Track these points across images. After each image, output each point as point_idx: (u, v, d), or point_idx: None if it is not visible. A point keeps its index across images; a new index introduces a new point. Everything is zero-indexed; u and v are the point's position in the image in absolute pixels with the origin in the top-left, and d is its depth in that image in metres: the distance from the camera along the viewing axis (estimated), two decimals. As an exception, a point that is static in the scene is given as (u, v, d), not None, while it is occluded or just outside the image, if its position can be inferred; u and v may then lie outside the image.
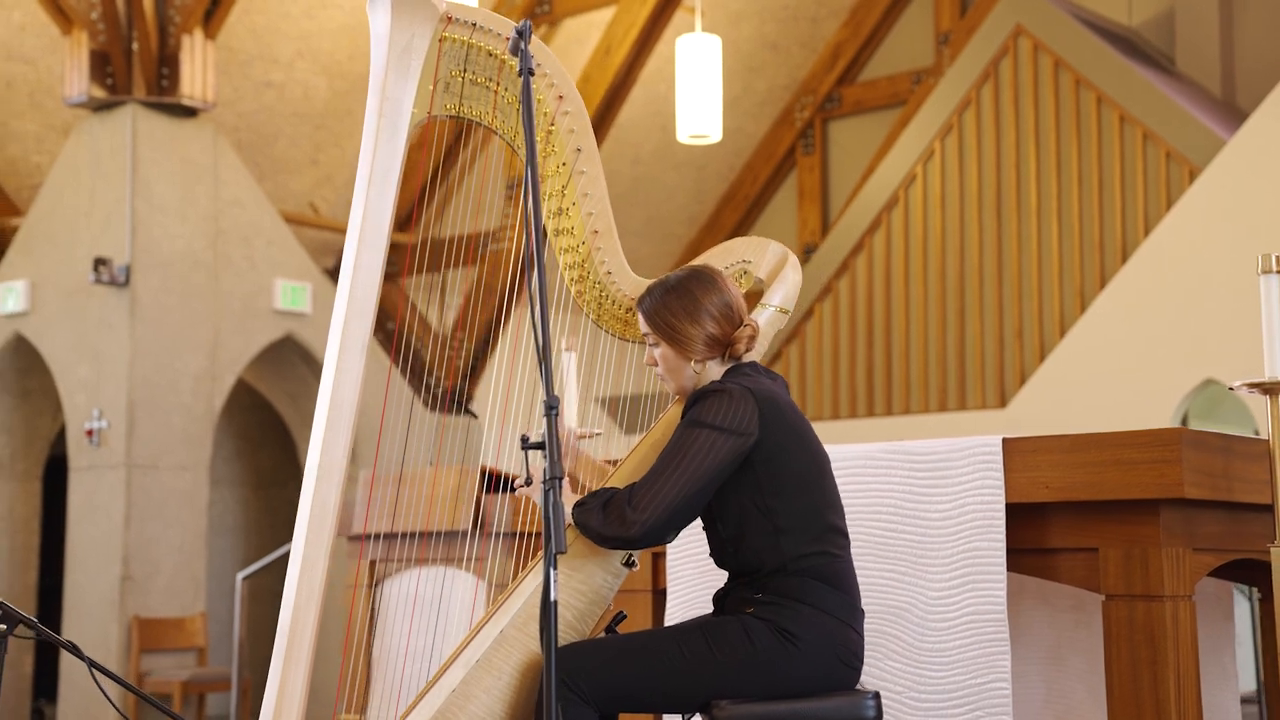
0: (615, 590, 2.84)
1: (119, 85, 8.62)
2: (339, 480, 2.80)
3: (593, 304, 2.98)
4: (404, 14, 2.85)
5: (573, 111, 2.92)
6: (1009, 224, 9.84)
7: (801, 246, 11.64)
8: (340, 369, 2.81)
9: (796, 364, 10.58)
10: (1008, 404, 9.55)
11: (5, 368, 9.15)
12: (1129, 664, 3.19)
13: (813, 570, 2.72)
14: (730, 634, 2.68)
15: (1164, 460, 3.10)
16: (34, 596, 9.50)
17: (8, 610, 3.08)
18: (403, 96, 2.86)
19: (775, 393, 2.80)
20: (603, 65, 9.28)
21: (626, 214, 11.80)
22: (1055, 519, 3.33)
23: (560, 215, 2.94)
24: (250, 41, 9.47)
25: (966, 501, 3.37)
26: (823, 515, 2.77)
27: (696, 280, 2.85)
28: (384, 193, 2.86)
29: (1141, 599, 3.18)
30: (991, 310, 9.83)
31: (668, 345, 2.84)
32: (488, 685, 2.72)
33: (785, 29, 11.33)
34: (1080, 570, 3.30)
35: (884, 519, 3.49)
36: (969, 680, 3.37)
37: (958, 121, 10.05)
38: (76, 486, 8.55)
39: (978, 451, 3.35)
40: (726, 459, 2.70)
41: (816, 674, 2.69)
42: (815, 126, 11.74)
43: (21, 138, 9.94)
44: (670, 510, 2.67)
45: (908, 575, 3.45)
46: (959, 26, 10.91)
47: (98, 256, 8.37)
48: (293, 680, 2.72)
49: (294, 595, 2.74)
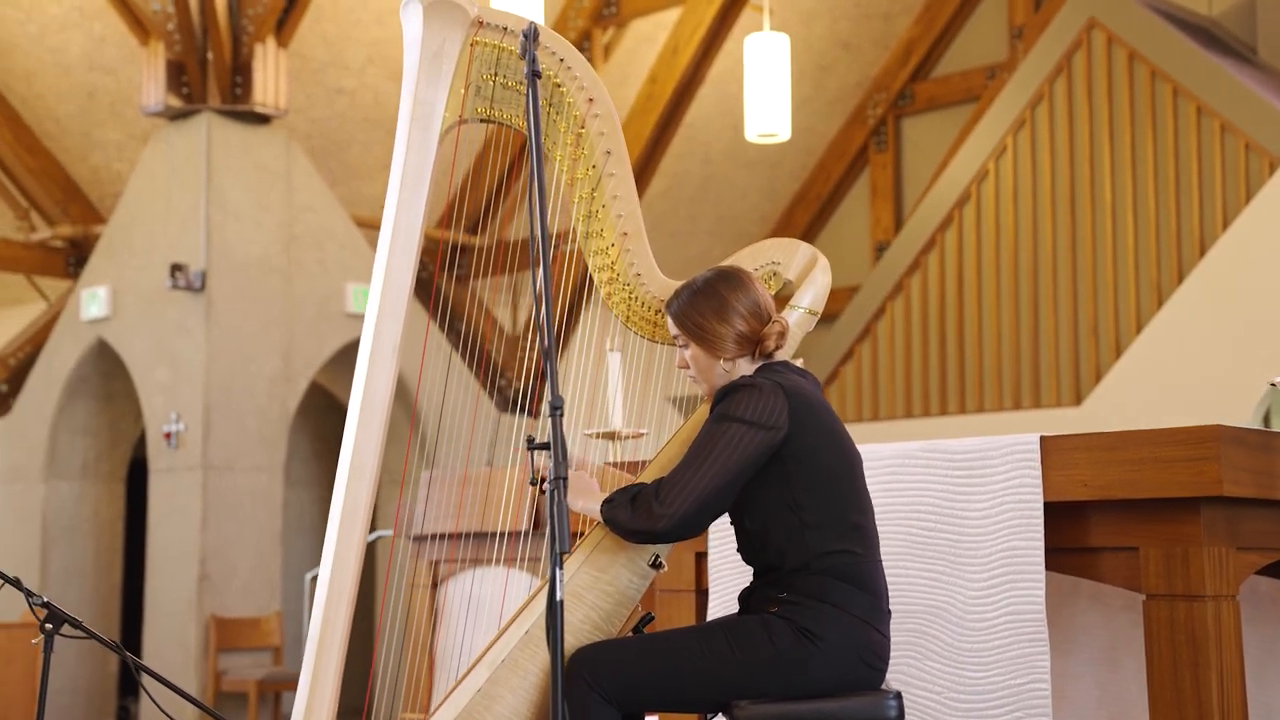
0: (642, 591, 2.85)
1: (194, 94, 8.78)
2: (370, 481, 2.84)
3: (622, 305, 2.99)
4: (435, 19, 2.89)
5: (602, 114, 2.94)
6: (1083, 219, 9.71)
7: (874, 244, 11.57)
8: (372, 372, 2.85)
9: (868, 362, 10.52)
10: (1083, 401, 9.42)
11: (89, 372, 9.36)
12: (1170, 665, 3.14)
13: (836, 569, 2.71)
14: (751, 633, 2.68)
15: (1202, 458, 3.05)
16: (119, 596, 9.70)
17: (54, 610, 3.16)
18: (434, 100, 2.90)
19: (806, 389, 2.80)
20: (670, 65, 9.29)
21: (698, 213, 11.80)
22: (1096, 518, 3.29)
23: (590, 218, 2.96)
24: (322, 49, 9.60)
25: (1005, 500, 3.34)
26: (849, 514, 2.76)
27: (723, 280, 2.85)
28: (416, 196, 2.89)
29: (1183, 599, 3.13)
30: (1066, 307, 9.70)
31: (697, 346, 2.85)
32: (514, 685, 2.74)
33: (857, 27, 11.27)
34: (1122, 570, 3.27)
35: (923, 518, 3.48)
36: (1008, 680, 3.34)
37: (1030, 116, 9.94)
38: (156, 488, 8.72)
39: (1015, 450, 3.33)
40: (755, 453, 2.70)
41: (838, 674, 2.68)
42: (888, 124, 11.66)
43: (104, 147, 10.17)
44: (698, 504, 2.68)
45: (946, 574, 3.43)
46: (1033, 20, 10.78)
47: (174, 262, 8.53)
48: (324, 679, 2.77)
49: (325, 595, 2.79)
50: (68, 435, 9.46)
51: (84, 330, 9.20)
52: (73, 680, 9.20)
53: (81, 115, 10.01)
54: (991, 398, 9.92)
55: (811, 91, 11.42)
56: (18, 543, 9.41)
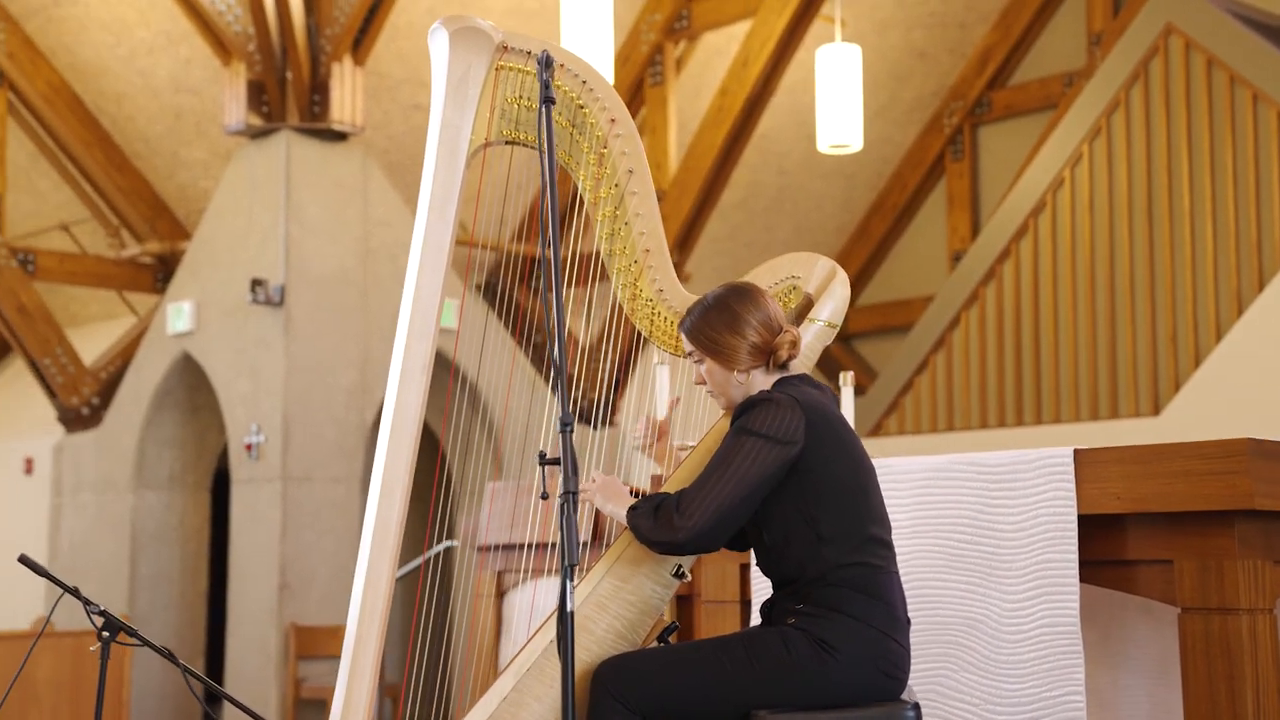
0: (666, 601, 2.90)
1: (274, 113, 8.98)
2: (402, 496, 2.91)
3: (645, 320, 3.05)
4: (461, 45, 2.97)
5: (625, 134, 3.00)
6: (1161, 227, 9.59)
7: (951, 254, 11.51)
8: (402, 391, 2.94)
9: (943, 373, 10.47)
10: (1161, 411, 9.30)
11: (175, 385, 9.59)
12: (1205, 679, 3.13)
13: (853, 581, 2.75)
14: (769, 644, 2.73)
15: (1232, 471, 3.04)
16: (205, 604, 9.93)
17: (110, 619, 3.28)
18: (461, 124, 2.98)
19: (822, 403, 2.84)
20: (740, 78, 9.33)
21: (774, 223, 11.82)
22: (1132, 531, 3.29)
23: (613, 236, 3.03)
24: (398, 66, 9.77)
25: (1039, 513, 3.35)
26: (865, 526, 2.80)
27: (734, 295, 2.91)
28: (443, 217, 2.97)
29: (1217, 612, 3.12)
30: (1144, 316, 9.59)
31: (712, 360, 2.90)
32: (540, 693, 2.80)
33: (932, 36, 11.23)
34: (1157, 583, 3.26)
35: (958, 530, 3.49)
36: (1043, 693, 3.35)
37: (1106, 124, 9.84)
38: (238, 499, 8.92)
39: (1049, 463, 3.33)
40: (772, 467, 2.75)
41: (856, 685, 2.72)
42: (965, 132, 11.60)
43: (190, 165, 10.43)
44: (717, 516, 2.73)
45: (981, 587, 3.44)
46: (1111, 26, 10.66)
47: (254, 277, 8.73)
48: (357, 690, 2.84)
49: (359, 608, 2.86)
50: (155, 447, 9.71)
51: (170, 344, 9.43)
52: (160, 686, 9.43)
53: (169, 135, 10.28)
54: (1068, 408, 9.82)
55: (887, 101, 11.40)
56: (108, 551, 9.67)
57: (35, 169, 10.84)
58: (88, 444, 9.92)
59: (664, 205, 9.74)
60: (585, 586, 2.88)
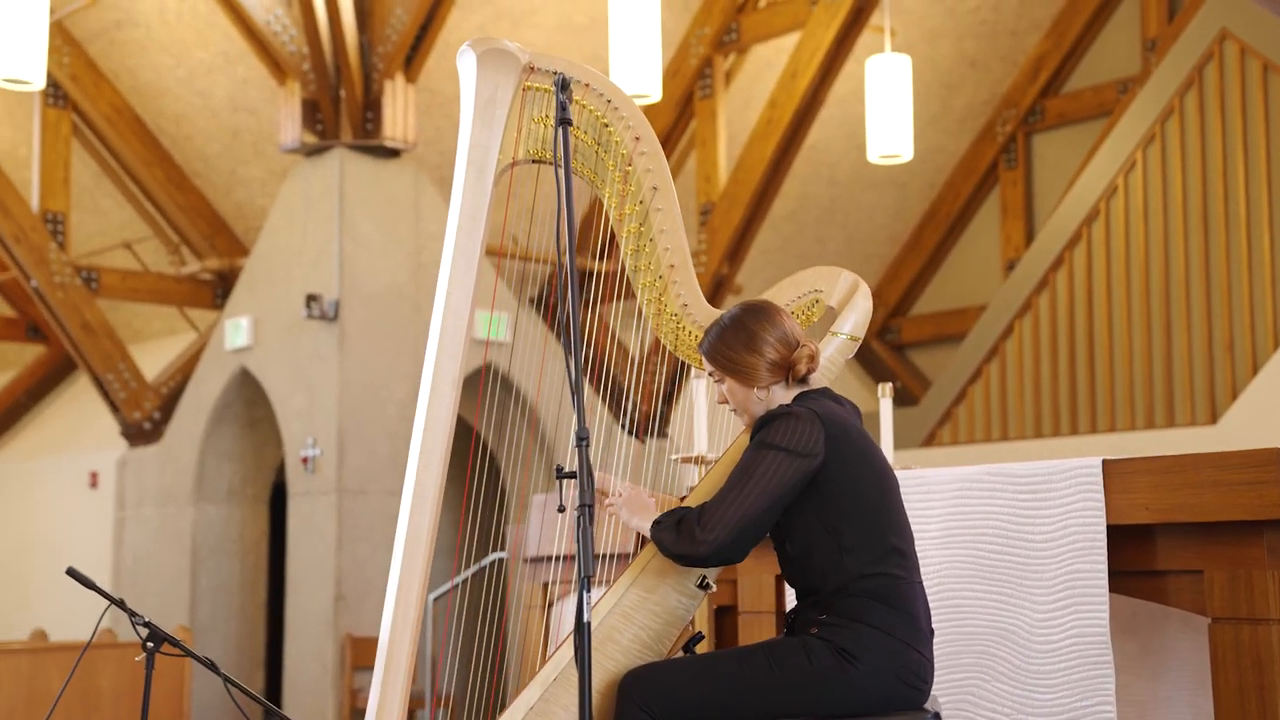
0: (692, 611, 2.94)
1: (328, 130, 9.12)
2: (432, 508, 2.98)
3: (670, 335, 3.10)
4: (488, 66, 3.03)
5: (649, 151, 3.05)
6: (1216, 233, 9.51)
7: (1005, 263, 11.45)
8: (432, 407, 2.99)
9: (997, 382, 10.42)
10: (1219, 420, 9.22)
11: (234, 399, 9.74)
12: (1236, 690, 3.13)
13: (875, 591, 2.78)
14: (791, 654, 2.76)
15: (1261, 481, 3.04)
16: (264, 616, 10.06)
17: (154, 629, 3.36)
18: (489, 143, 3.04)
19: (842, 416, 2.87)
20: (789, 89, 9.36)
21: (826, 235, 11.82)
22: (1162, 541, 3.29)
23: (638, 252, 3.07)
24: (449, 83, 9.88)
25: (1068, 523, 3.36)
26: (886, 537, 2.83)
27: (749, 314, 2.95)
28: (472, 235, 3.03)
29: (1247, 622, 3.12)
30: (1199, 323, 9.50)
31: (732, 379, 2.95)
32: (567, 703, 2.85)
33: (984, 44, 11.19)
34: (1187, 593, 3.26)
35: (989, 541, 3.50)
36: (1074, 703, 3.35)
37: (1160, 131, 9.77)
38: (294, 511, 9.05)
39: (1078, 473, 3.34)
40: (793, 479, 2.78)
41: (878, 694, 2.74)
42: (1018, 141, 11.54)
43: (248, 183, 10.60)
44: (739, 529, 2.77)
45: (1013, 597, 3.46)
46: (1166, 32, 10.58)
47: (309, 293, 8.86)
48: (390, 701, 2.90)
49: (391, 618, 2.92)
50: (215, 460, 9.86)
51: (228, 359, 9.59)
52: (223, 697, 9.56)
53: (227, 154, 10.46)
54: (1123, 417, 9.75)
55: (939, 110, 11.38)
56: (169, 563, 9.83)
57: (99, 189, 11.06)
58: (149, 458, 10.10)
59: (714, 217, 9.77)
60: (610, 598, 2.93)
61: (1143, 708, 3.87)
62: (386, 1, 8.97)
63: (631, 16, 8.26)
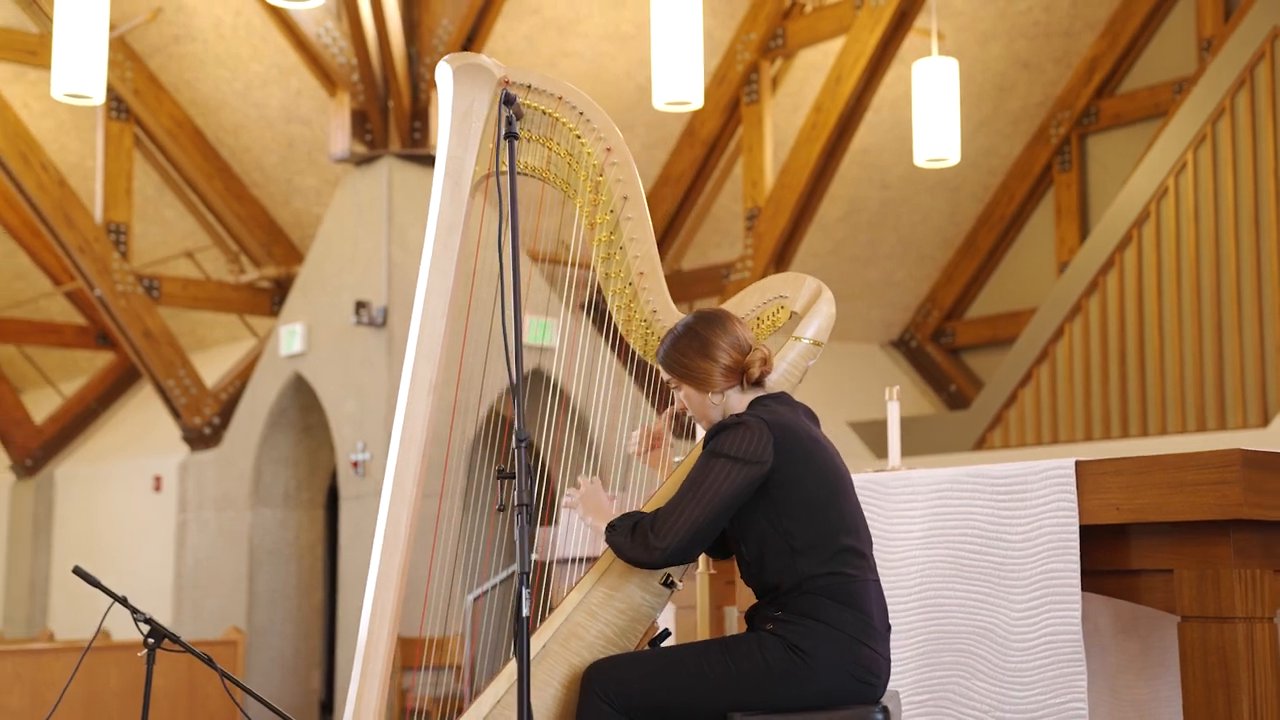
0: (658, 609, 3.01)
1: (377, 140, 9.29)
2: (409, 506, 3.08)
3: (639, 340, 3.18)
4: (464, 81, 3.13)
5: (620, 162, 3.13)
6: (1268, 234, 9.40)
7: (1060, 265, 11.39)
8: (409, 408, 3.10)
9: (1047, 385, 10.37)
10: (1270, 422, 9.11)
11: (289, 405, 9.94)
12: (1203, 687, 3.15)
13: (827, 590, 2.85)
14: (745, 649, 2.84)
15: (1224, 481, 3.07)
16: (320, 617, 10.25)
17: (156, 626, 3.49)
18: (465, 156, 3.14)
19: (791, 422, 2.94)
20: (834, 94, 9.39)
21: (878, 238, 11.82)
22: (1136, 541, 3.32)
23: (609, 260, 3.15)
24: (498, 92, 10.01)
25: (1043, 523, 3.40)
26: (838, 537, 2.89)
27: (702, 322, 3.03)
28: (449, 245, 3.14)
29: (1214, 620, 3.14)
30: (1251, 325, 9.40)
31: (688, 385, 3.04)
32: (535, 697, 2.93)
33: (1036, 46, 11.14)
34: (1159, 592, 3.29)
35: (969, 541, 3.55)
36: (1048, 700, 3.39)
37: (1211, 131, 9.68)
38: (346, 515, 9.22)
39: (1052, 474, 3.38)
40: (741, 486, 2.87)
41: (828, 689, 2.81)
42: (1072, 143, 11.48)
43: (304, 192, 10.81)
44: (689, 536, 2.87)
45: (992, 596, 3.50)
46: (1222, 31, 10.48)
47: (359, 300, 9.03)
48: (368, 695, 3.01)
49: (369, 615, 3.03)
50: (271, 465, 10.07)
51: (283, 365, 9.79)
52: (275, 698, 9.76)
53: (283, 164, 10.68)
54: (1174, 420, 9.67)
55: (991, 113, 11.34)
56: (228, 566, 10.05)
57: (161, 199, 11.34)
58: (209, 463, 10.33)
59: (759, 222, 9.82)
60: (576, 595, 3.01)
61: (1143, 708, 3.89)
62: (433, 12, 9.13)
63: (675, 25, 8.34)
